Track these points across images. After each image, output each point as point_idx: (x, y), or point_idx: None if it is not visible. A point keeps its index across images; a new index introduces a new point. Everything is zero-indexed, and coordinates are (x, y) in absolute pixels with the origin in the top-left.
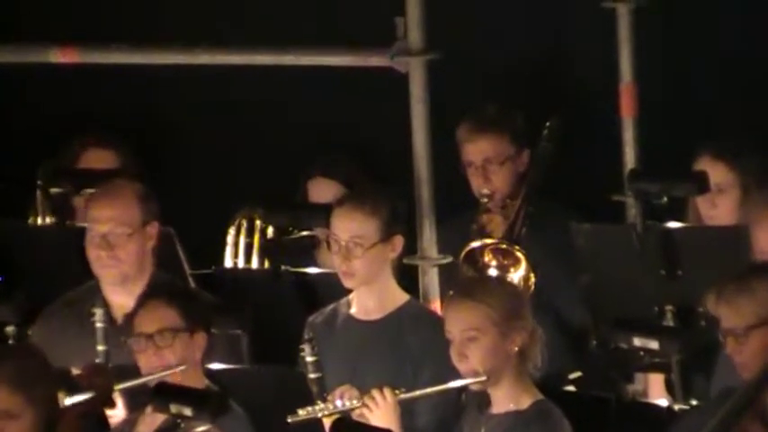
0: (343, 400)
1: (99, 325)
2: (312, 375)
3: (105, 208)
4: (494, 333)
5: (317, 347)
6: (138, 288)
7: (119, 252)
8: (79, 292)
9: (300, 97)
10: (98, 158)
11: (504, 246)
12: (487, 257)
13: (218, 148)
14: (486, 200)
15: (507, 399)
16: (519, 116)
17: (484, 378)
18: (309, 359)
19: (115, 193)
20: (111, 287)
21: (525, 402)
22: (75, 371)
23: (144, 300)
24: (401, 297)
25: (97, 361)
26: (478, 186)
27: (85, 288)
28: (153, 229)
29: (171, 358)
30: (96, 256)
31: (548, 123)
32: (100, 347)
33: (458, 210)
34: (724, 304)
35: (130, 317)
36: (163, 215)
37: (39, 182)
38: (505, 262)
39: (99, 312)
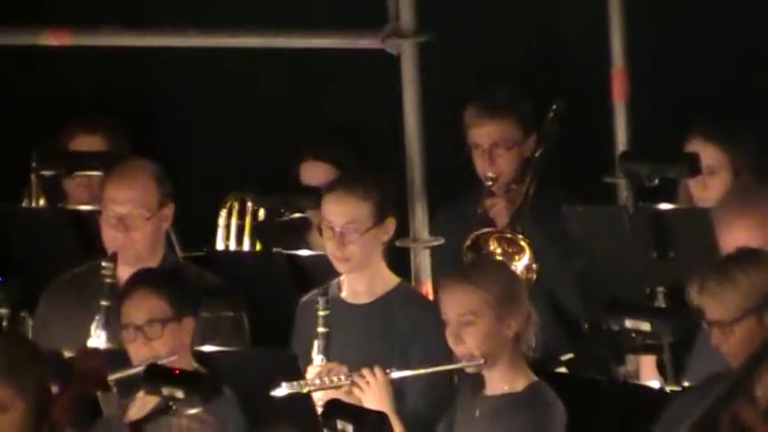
0: (330, 376)
1: (108, 280)
2: (321, 329)
3: (124, 190)
4: (490, 317)
5: (330, 303)
6: None
7: (135, 234)
8: (82, 270)
9: (292, 79)
10: (86, 144)
11: (508, 235)
12: (492, 245)
13: (209, 130)
14: (490, 183)
15: (502, 381)
16: (527, 101)
17: (481, 361)
18: (321, 313)
19: (134, 175)
20: (122, 266)
21: (520, 384)
22: (68, 354)
23: (131, 287)
24: (392, 280)
25: (97, 318)
26: (483, 169)
27: (89, 267)
28: (169, 210)
29: (161, 348)
30: (112, 237)
31: (553, 106)
32: (103, 302)
33: (449, 192)
34: (707, 297)
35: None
36: None
37: (33, 164)
38: (510, 250)
39: (109, 266)
